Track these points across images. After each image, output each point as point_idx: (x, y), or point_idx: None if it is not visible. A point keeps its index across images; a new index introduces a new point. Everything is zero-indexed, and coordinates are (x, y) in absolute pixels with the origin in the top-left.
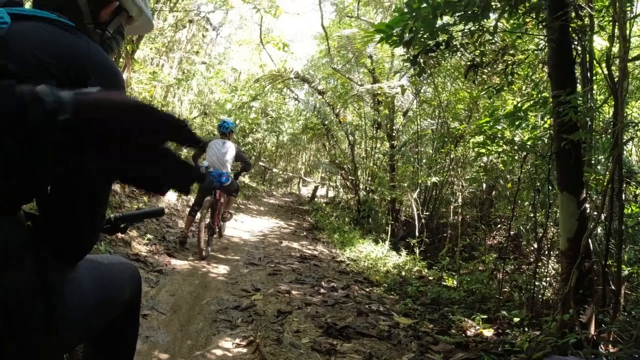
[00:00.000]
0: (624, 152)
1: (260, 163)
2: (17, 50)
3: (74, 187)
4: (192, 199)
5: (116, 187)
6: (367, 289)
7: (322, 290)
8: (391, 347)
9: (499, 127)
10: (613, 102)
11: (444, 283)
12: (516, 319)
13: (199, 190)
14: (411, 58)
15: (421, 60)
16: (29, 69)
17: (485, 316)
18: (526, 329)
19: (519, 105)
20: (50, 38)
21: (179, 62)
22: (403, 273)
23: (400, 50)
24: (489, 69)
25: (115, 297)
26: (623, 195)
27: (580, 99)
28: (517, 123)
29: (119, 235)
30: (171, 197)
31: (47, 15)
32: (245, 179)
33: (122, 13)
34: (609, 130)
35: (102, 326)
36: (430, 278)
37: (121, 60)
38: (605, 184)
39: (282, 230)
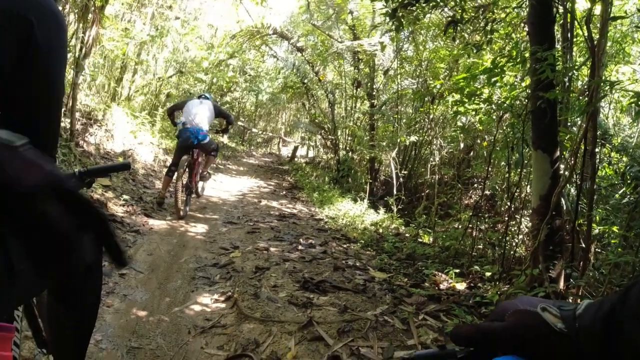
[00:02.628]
0: (601, 115)
1: (240, 123)
2: None
3: (20, 128)
4: (169, 159)
5: (91, 148)
6: (345, 246)
7: (300, 247)
8: (366, 299)
9: (477, 85)
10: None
11: (420, 240)
12: (488, 274)
13: (176, 149)
14: (390, 12)
15: (400, 14)
16: None
17: (458, 271)
18: (497, 283)
19: (496, 61)
20: None
21: (152, 17)
22: (380, 230)
23: (380, 5)
24: (470, 26)
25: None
26: (597, 157)
27: (558, 56)
28: (494, 80)
29: (93, 195)
30: (147, 157)
31: None
32: (224, 139)
33: None
34: (586, 92)
35: (63, 275)
36: (407, 235)
37: (90, 15)
38: (578, 142)
39: (261, 189)
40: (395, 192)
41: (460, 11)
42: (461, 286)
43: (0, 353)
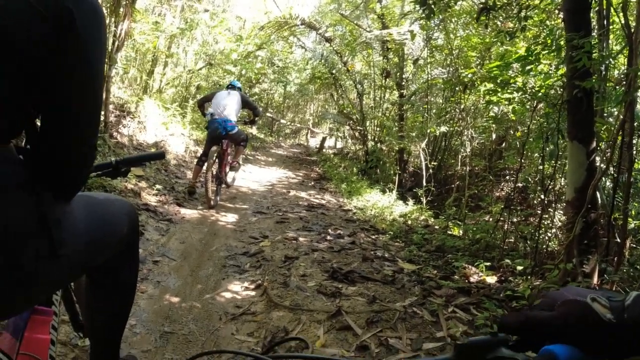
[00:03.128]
0: (638, 105)
1: (268, 114)
2: None
3: (61, 117)
4: (199, 150)
5: (124, 139)
6: (373, 237)
7: (328, 237)
8: (394, 290)
9: (510, 74)
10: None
11: (450, 232)
12: (519, 268)
13: (206, 140)
14: None
15: (431, 2)
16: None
17: (488, 264)
18: (529, 277)
19: (531, 49)
20: None
21: (181, 10)
22: (409, 222)
23: None
24: (502, 13)
25: (112, 231)
26: (634, 148)
27: (595, 44)
28: (528, 68)
29: (127, 185)
30: (179, 148)
31: None
32: (253, 130)
33: None
34: (623, 82)
35: (101, 259)
36: (436, 227)
37: (121, 9)
38: (615, 133)
39: (290, 180)
40: (424, 183)
41: None
42: (492, 279)
43: (38, 336)
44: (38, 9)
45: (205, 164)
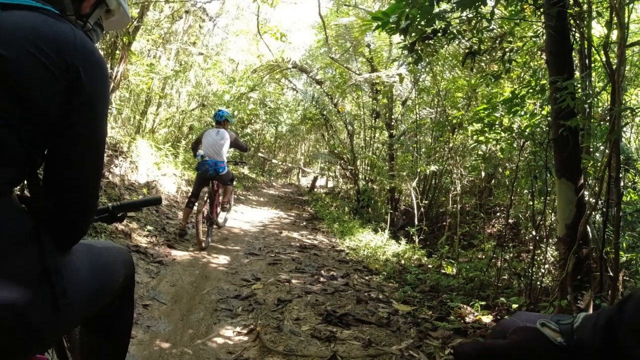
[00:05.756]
0: (623, 140)
1: (260, 154)
2: (11, 38)
3: (66, 167)
4: (191, 190)
5: (116, 179)
6: (367, 277)
7: (321, 279)
8: (390, 333)
9: (497, 115)
10: (611, 89)
11: (443, 271)
12: (515, 305)
13: (196, 181)
14: (408, 46)
15: (418, 48)
16: (24, 56)
17: (483, 303)
18: None
19: (516, 91)
20: (41, 25)
21: (176, 53)
22: (402, 261)
23: (397, 38)
24: (487, 56)
25: (110, 279)
26: (622, 182)
27: (578, 84)
28: (514, 110)
29: (118, 226)
30: (170, 188)
31: (33, 4)
32: (244, 170)
33: (102, 5)
34: (607, 118)
35: (98, 308)
36: (430, 266)
37: (117, 52)
38: (602, 169)
39: (282, 220)
40: (416, 222)
41: (477, 42)
42: (487, 319)
43: None
44: (51, 68)
45: (196, 205)
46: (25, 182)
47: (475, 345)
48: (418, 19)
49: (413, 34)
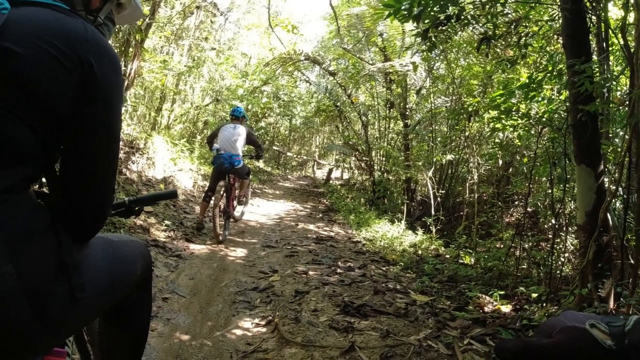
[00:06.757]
0: None
1: (274, 147)
2: (21, 33)
3: (83, 162)
4: (208, 184)
5: (133, 175)
6: (384, 268)
7: (338, 270)
8: (408, 324)
9: (513, 101)
10: (629, 72)
11: (461, 261)
12: (534, 295)
13: (212, 175)
14: (421, 33)
15: (432, 35)
16: (34, 51)
17: (502, 292)
18: (544, 304)
19: (533, 76)
20: (51, 21)
21: (188, 49)
22: (419, 252)
23: (410, 26)
24: (502, 41)
25: (127, 272)
26: None
27: (596, 67)
28: (531, 95)
29: (136, 221)
30: (187, 183)
31: (43, 0)
32: (260, 163)
33: (112, 0)
34: (626, 102)
35: (116, 301)
36: (447, 256)
37: (130, 49)
38: (622, 155)
39: (297, 212)
40: (433, 212)
41: (492, 27)
42: (506, 308)
43: None
44: (63, 62)
45: (212, 199)
46: (44, 178)
47: (516, 342)
48: (431, 5)
49: (426, 21)
